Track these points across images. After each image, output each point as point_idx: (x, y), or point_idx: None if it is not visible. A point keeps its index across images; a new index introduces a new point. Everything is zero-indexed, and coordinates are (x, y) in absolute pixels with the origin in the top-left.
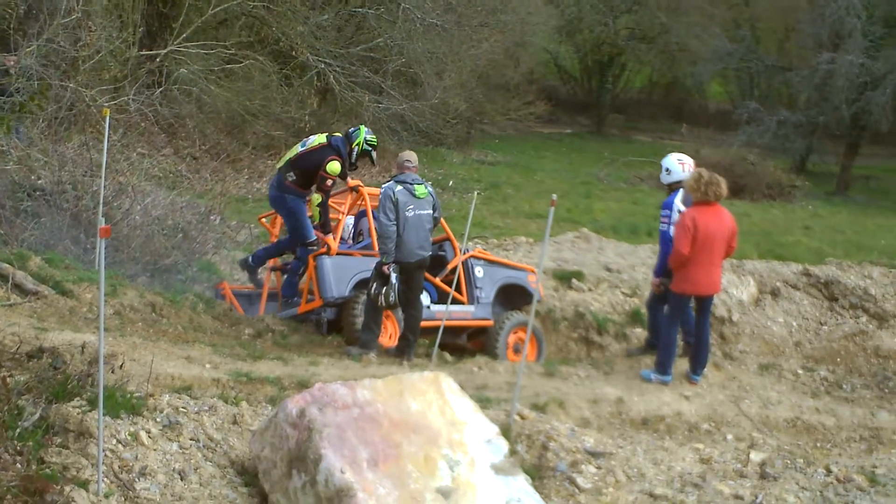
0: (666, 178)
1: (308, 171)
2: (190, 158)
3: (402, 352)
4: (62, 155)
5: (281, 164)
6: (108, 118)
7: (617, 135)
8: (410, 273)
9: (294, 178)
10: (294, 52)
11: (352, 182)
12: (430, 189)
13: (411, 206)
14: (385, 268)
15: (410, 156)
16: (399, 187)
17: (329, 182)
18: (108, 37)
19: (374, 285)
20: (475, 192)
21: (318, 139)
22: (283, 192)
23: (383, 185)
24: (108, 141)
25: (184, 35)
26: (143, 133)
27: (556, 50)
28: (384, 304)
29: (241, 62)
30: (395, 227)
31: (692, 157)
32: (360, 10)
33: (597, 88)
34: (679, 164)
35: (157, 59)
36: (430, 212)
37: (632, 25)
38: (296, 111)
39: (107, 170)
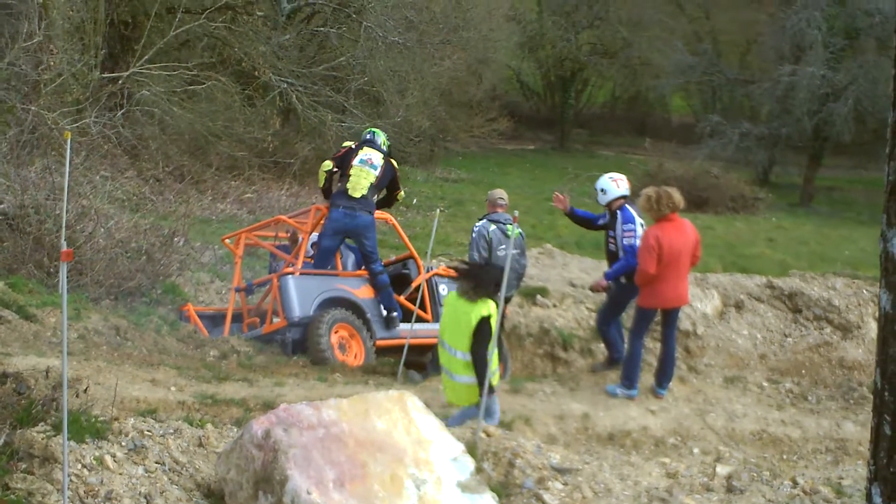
0: (603, 199)
1: (384, 187)
2: (153, 180)
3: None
4: (24, 178)
5: (363, 191)
6: (69, 141)
7: (580, 150)
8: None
9: (377, 198)
10: (256, 73)
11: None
12: (520, 230)
13: (503, 246)
14: None
15: (503, 194)
16: (493, 226)
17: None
18: (69, 60)
19: None
20: (438, 210)
21: (373, 155)
22: (371, 214)
23: (476, 224)
24: (70, 164)
25: (146, 57)
26: (106, 155)
27: (518, 66)
28: None
29: (204, 83)
30: None
31: (656, 170)
32: (321, 29)
33: (560, 104)
34: (613, 183)
35: (120, 82)
36: (518, 252)
37: (593, 41)
38: (259, 131)
39: (69, 193)
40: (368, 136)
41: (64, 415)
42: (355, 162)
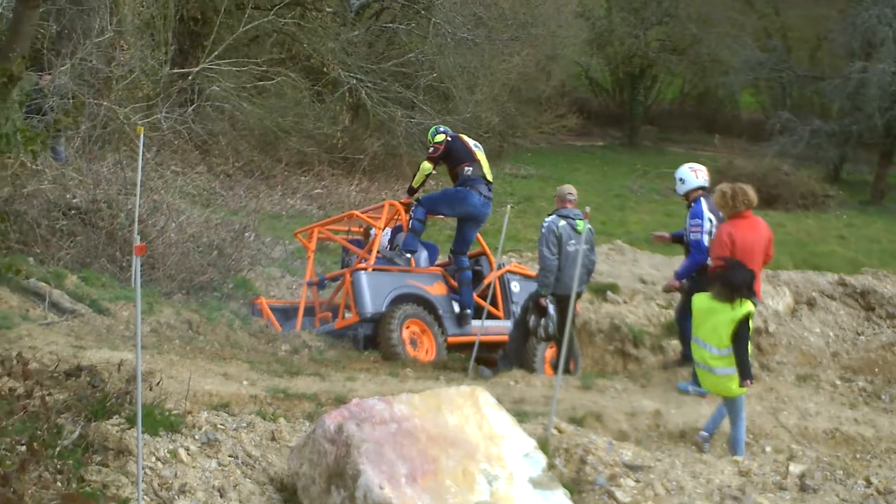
0: (681, 189)
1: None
2: (223, 176)
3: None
4: (97, 173)
5: (489, 174)
6: (142, 136)
7: (650, 146)
8: (566, 304)
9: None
10: (325, 69)
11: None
12: (589, 226)
13: (573, 241)
14: (542, 300)
15: (572, 189)
16: (562, 222)
17: None
18: (140, 55)
19: (532, 317)
20: (508, 206)
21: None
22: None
23: (546, 219)
24: (142, 159)
25: (215, 53)
26: (177, 151)
27: (587, 63)
28: (543, 335)
29: (273, 79)
30: (556, 261)
31: (725, 167)
32: (390, 25)
33: (629, 100)
34: (692, 173)
35: (190, 77)
36: (588, 248)
37: (662, 37)
38: (328, 127)
39: (141, 188)
40: (445, 129)
41: (138, 408)
42: (473, 147)
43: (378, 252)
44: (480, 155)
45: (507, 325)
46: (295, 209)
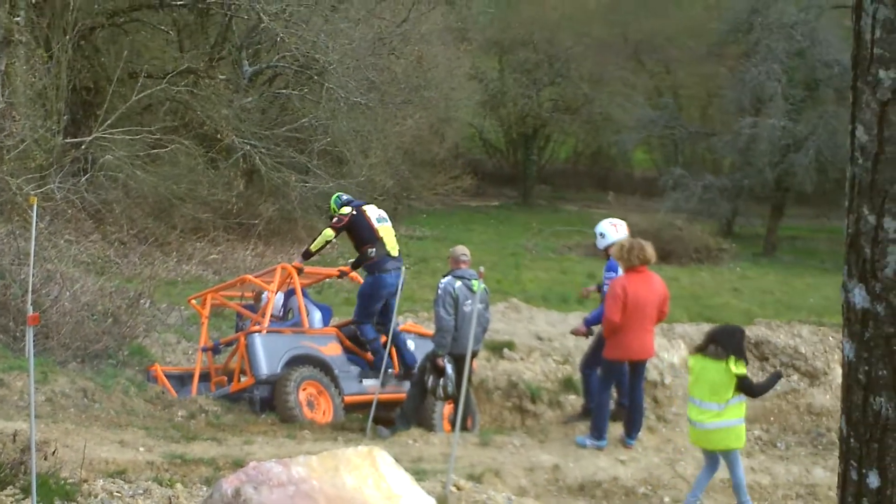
0: (602, 243)
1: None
2: (118, 243)
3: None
4: None
5: (397, 247)
6: (35, 206)
7: (544, 205)
8: (462, 364)
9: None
10: (219, 135)
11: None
12: (484, 285)
13: (469, 301)
14: (440, 360)
15: (465, 250)
16: (458, 283)
17: None
18: (32, 126)
19: (430, 378)
20: (403, 268)
21: (381, 211)
22: None
23: (441, 281)
24: (35, 229)
25: (108, 122)
26: (71, 220)
27: (480, 124)
28: (442, 395)
29: (167, 146)
30: (453, 322)
31: None
32: (284, 91)
33: (522, 160)
34: (612, 227)
35: (83, 147)
36: (483, 306)
37: (555, 97)
38: (223, 193)
39: (34, 257)
40: (347, 197)
41: (33, 478)
42: (376, 223)
43: (273, 316)
44: (384, 230)
45: (402, 384)
46: (190, 275)
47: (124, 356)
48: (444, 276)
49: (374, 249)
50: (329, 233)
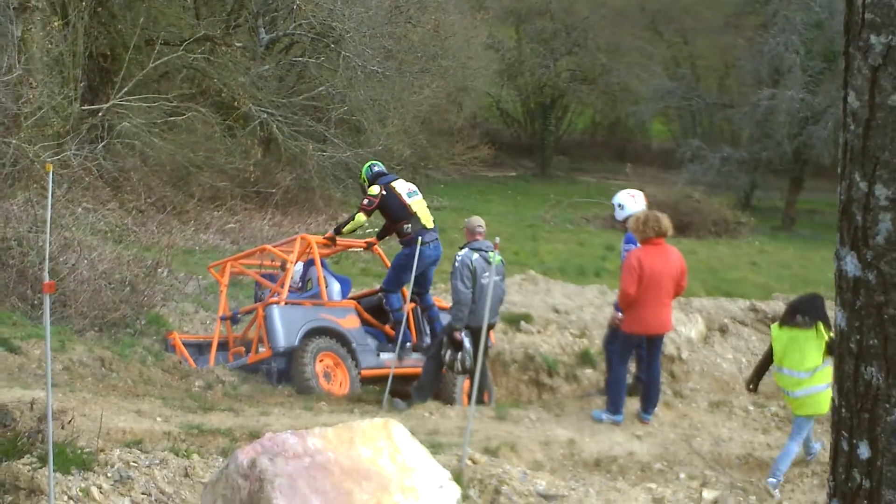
0: (620, 214)
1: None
2: (136, 212)
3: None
4: (7, 211)
5: (429, 221)
6: (51, 173)
7: (562, 176)
8: (479, 336)
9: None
10: (236, 103)
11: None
12: (500, 257)
13: (486, 273)
14: (457, 334)
15: (480, 221)
16: (476, 255)
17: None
18: (49, 93)
19: (448, 351)
20: (420, 238)
21: (409, 184)
22: None
23: (458, 253)
24: (52, 196)
25: (125, 89)
26: (88, 188)
27: (498, 94)
28: (460, 369)
29: (184, 114)
30: (471, 294)
31: None
32: (300, 59)
33: (540, 131)
34: (631, 198)
35: (100, 114)
36: (500, 278)
37: (572, 67)
38: (240, 161)
39: (52, 225)
40: (379, 168)
41: (49, 447)
42: (407, 198)
43: (291, 286)
44: (416, 203)
45: (418, 357)
46: (208, 244)
47: (142, 325)
48: (461, 249)
49: (409, 225)
50: (361, 218)
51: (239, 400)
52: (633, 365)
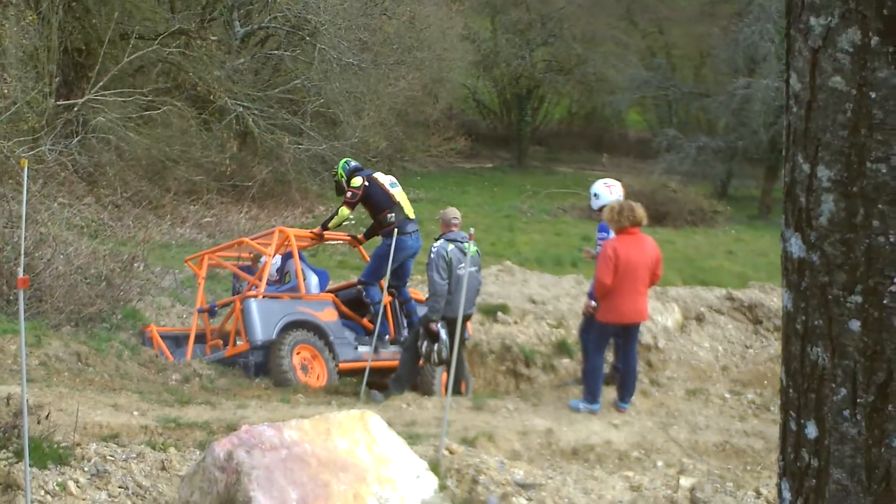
0: (596, 204)
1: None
2: (112, 206)
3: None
4: None
5: (410, 211)
6: (26, 169)
7: (538, 167)
8: (455, 327)
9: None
10: (212, 97)
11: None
12: (476, 248)
13: (462, 265)
14: (433, 325)
15: (456, 213)
16: (451, 246)
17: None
18: (23, 87)
19: (424, 343)
20: (395, 230)
21: (389, 176)
22: None
23: (434, 245)
24: (27, 192)
25: (100, 83)
26: (63, 183)
27: (473, 85)
28: (436, 360)
29: (160, 108)
30: (447, 286)
31: None
32: (276, 52)
33: (516, 122)
34: (606, 188)
35: (75, 109)
36: (477, 269)
37: (548, 58)
38: (216, 155)
39: (27, 220)
40: (355, 164)
41: (25, 441)
42: (390, 188)
43: (269, 280)
44: (398, 194)
45: (396, 350)
46: (185, 238)
47: (118, 320)
48: (437, 240)
49: (392, 215)
50: (345, 211)
51: (216, 393)
52: (610, 354)
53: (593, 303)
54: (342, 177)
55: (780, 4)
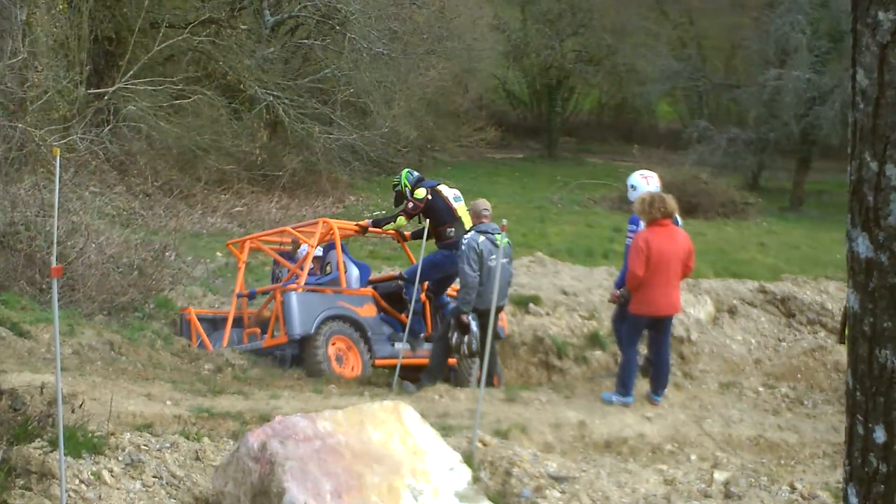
0: (633, 195)
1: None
2: (143, 195)
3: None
4: (14, 196)
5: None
6: (58, 157)
7: (569, 158)
8: (487, 320)
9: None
10: (242, 86)
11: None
12: (507, 239)
13: (493, 256)
14: (464, 317)
15: (487, 204)
16: (482, 238)
17: None
18: (55, 76)
19: (455, 335)
20: (427, 220)
21: (454, 189)
22: None
23: (465, 237)
24: (59, 180)
25: (131, 72)
26: (95, 171)
27: (504, 75)
28: (467, 352)
29: (190, 97)
30: (478, 278)
31: None
32: (306, 41)
33: (546, 112)
34: (643, 179)
35: (106, 97)
36: (507, 261)
37: (578, 48)
38: (246, 144)
39: (59, 209)
40: (418, 174)
41: (59, 430)
42: (453, 202)
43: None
44: (461, 209)
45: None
46: (215, 227)
47: (150, 309)
48: (468, 232)
49: (452, 229)
50: (402, 221)
51: (248, 383)
52: (643, 346)
53: (618, 291)
54: (406, 186)
55: None
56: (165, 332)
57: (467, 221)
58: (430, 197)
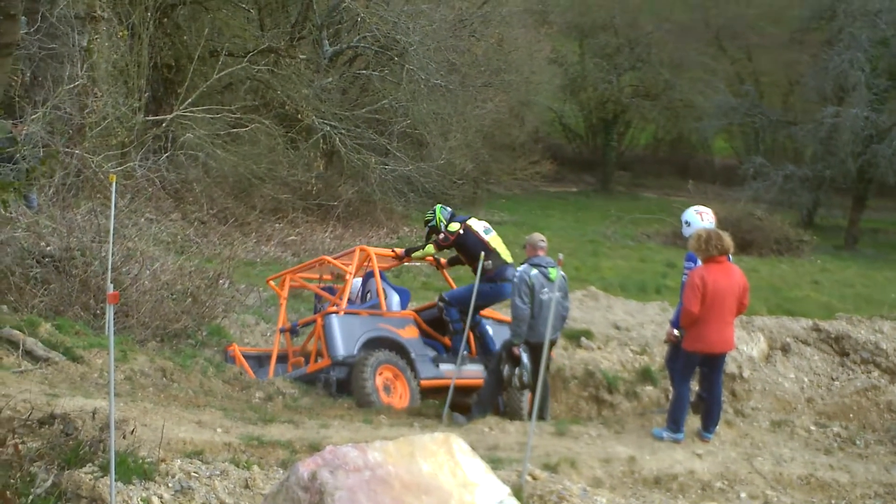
0: (687, 231)
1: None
2: (198, 223)
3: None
4: (70, 221)
5: (508, 255)
6: (114, 184)
7: (623, 192)
8: (540, 353)
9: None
10: (299, 115)
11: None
12: (562, 273)
13: (546, 289)
14: (516, 349)
15: (542, 237)
16: (534, 271)
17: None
18: (113, 103)
19: (506, 367)
20: (482, 253)
21: (483, 222)
22: None
23: (518, 269)
24: (115, 207)
25: (189, 100)
26: (151, 198)
27: (560, 108)
28: (518, 385)
29: (247, 126)
30: (528, 310)
31: None
32: (364, 72)
33: (602, 146)
34: (697, 215)
35: (164, 125)
36: (562, 295)
37: (635, 83)
38: (302, 174)
39: (115, 235)
40: (451, 210)
41: (111, 456)
42: (484, 235)
43: (350, 300)
44: (493, 240)
45: (479, 368)
46: (269, 256)
47: (203, 336)
48: (521, 265)
49: (489, 262)
50: (431, 249)
51: (299, 412)
52: (694, 383)
53: (676, 331)
54: (441, 221)
55: (871, 33)
56: (217, 360)
57: (502, 251)
58: (461, 231)
